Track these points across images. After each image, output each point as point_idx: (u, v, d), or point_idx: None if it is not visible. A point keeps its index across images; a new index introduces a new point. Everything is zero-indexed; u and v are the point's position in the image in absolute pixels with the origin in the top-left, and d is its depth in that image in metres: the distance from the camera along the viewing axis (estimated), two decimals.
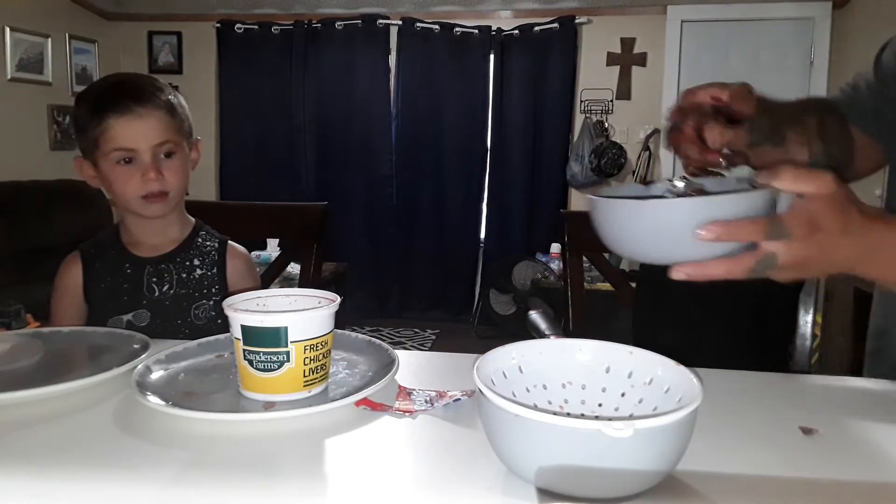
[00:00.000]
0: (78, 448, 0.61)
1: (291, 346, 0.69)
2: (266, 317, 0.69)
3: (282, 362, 0.69)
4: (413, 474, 0.58)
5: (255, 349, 0.69)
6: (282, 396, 0.70)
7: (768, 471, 0.58)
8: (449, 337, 4.13)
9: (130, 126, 1.04)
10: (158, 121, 1.06)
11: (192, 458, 0.59)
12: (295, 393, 0.71)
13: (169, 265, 1.15)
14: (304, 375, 0.71)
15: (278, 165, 4.45)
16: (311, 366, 0.71)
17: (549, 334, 0.81)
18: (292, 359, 0.70)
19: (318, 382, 0.73)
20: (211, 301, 1.16)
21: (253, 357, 0.70)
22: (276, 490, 0.54)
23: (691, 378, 0.56)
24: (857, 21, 3.73)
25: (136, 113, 1.04)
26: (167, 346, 0.83)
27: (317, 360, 0.72)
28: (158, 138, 1.06)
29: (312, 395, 0.72)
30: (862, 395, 0.77)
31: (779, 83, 4.03)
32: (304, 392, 0.71)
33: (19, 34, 3.75)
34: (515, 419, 0.50)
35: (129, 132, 1.04)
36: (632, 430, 0.46)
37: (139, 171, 1.06)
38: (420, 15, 4.25)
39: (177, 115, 1.10)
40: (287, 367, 0.70)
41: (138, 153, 1.05)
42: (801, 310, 1.18)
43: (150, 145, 1.06)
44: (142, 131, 1.05)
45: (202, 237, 1.21)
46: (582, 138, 4.11)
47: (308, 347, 0.70)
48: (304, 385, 0.71)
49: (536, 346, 0.66)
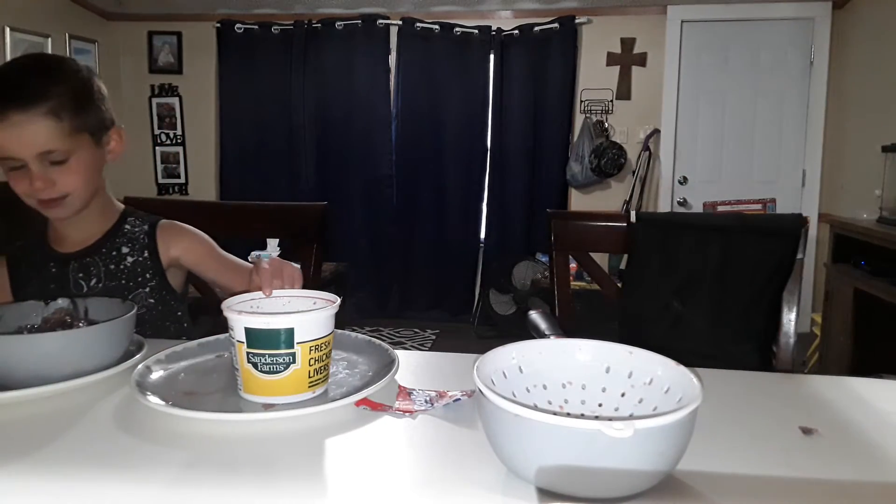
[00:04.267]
0: (78, 448, 0.61)
1: (298, 347, 0.69)
2: (273, 319, 0.69)
3: (288, 364, 0.69)
4: (413, 474, 0.58)
5: (260, 352, 0.69)
6: (286, 398, 0.70)
7: (768, 471, 0.58)
8: (449, 337, 4.13)
9: (8, 135, 0.94)
10: (41, 129, 0.94)
11: (192, 458, 0.59)
12: (300, 395, 0.70)
13: (95, 258, 1.09)
14: (310, 376, 0.71)
15: (278, 165, 4.44)
16: (316, 366, 0.71)
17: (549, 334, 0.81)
18: (298, 360, 0.69)
19: (321, 383, 0.73)
20: (147, 288, 1.10)
21: (258, 360, 0.69)
22: (276, 490, 0.54)
23: (691, 378, 0.56)
24: (858, 21, 3.73)
25: (13, 122, 0.93)
26: (167, 346, 0.83)
27: (321, 360, 0.72)
28: (41, 148, 0.95)
29: (315, 396, 0.72)
30: (862, 396, 0.77)
31: (779, 83, 4.03)
32: (308, 393, 0.71)
33: (19, 34, 3.75)
34: (515, 419, 0.49)
35: (8, 141, 0.94)
36: (632, 430, 0.46)
37: (27, 177, 0.97)
38: (420, 15, 4.25)
39: (68, 118, 0.97)
40: (293, 369, 0.69)
41: (25, 161, 0.96)
42: (784, 308, 1.19)
43: (34, 154, 0.95)
44: (22, 141, 0.94)
45: (130, 223, 1.13)
46: (582, 138, 4.11)
47: (313, 348, 0.70)
48: (308, 386, 0.71)
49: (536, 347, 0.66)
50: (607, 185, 4.21)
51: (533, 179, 4.30)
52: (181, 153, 4.54)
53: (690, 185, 4.18)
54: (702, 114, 4.13)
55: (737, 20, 4.00)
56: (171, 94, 4.51)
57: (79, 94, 1.00)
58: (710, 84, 4.10)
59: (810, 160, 4.03)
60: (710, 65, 4.09)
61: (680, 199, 4.20)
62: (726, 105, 4.11)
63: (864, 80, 3.61)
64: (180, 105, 4.52)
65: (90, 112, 1.02)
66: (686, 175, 4.19)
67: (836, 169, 3.91)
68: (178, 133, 4.54)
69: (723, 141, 4.14)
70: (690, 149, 4.16)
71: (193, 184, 4.57)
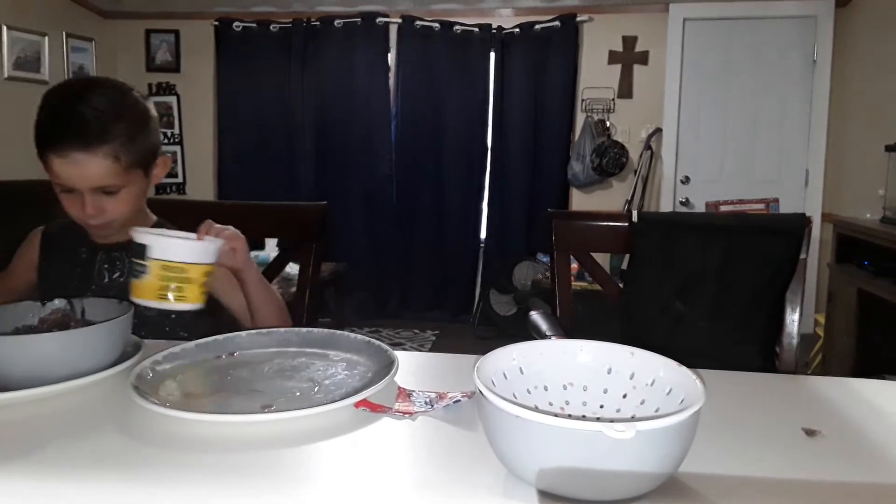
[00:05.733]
0: (75, 449, 0.61)
1: (149, 262, 0.86)
2: (139, 234, 0.88)
3: (140, 273, 0.87)
4: (412, 476, 0.57)
5: (131, 259, 0.88)
6: (139, 300, 0.87)
7: (771, 473, 0.57)
8: (449, 337, 4.13)
9: (69, 170, 1.00)
10: (100, 168, 1.00)
11: (190, 460, 0.59)
12: (150, 301, 0.87)
13: (122, 253, 1.14)
14: (159, 290, 0.86)
15: (277, 165, 4.44)
16: (166, 283, 0.86)
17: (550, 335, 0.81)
18: (149, 272, 0.86)
19: (166, 300, 0.86)
20: None
21: (130, 265, 0.89)
22: (276, 491, 0.53)
23: (694, 379, 0.56)
24: (860, 19, 3.72)
25: (75, 159, 0.99)
26: (164, 347, 0.83)
27: (171, 280, 0.86)
28: (97, 183, 1.02)
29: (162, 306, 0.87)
30: (865, 397, 0.77)
31: (781, 82, 4.02)
32: (155, 301, 0.86)
33: (16, 32, 3.75)
34: (516, 420, 0.49)
35: (69, 175, 1.00)
36: (634, 431, 0.46)
37: (79, 202, 1.03)
38: (420, 13, 4.24)
39: (124, 157, 1.03)
40: (145, 279, 0.86)
41: (78, 189, 1.02)
42: (787, 308, 1.18)
43: (89, 187, 1.02)
44: (80, 177, 1.00)
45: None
46: (583, 137, 4.10)
47: (164, 268, 0.86)
48: (158, 296, 0.86)
49: (537, 347, 0.66)
50: (609, 185, 4.20)
51: (534, 179, 4.29)
52: (179, 152, 4.53)
53: (692, 184, 4.18)
54: (704, 113, 4.12)
55: (739, 18, 4.00)
56: (169, 92, 4.51)
57: (135, 131, 1.06)
58: (712, 83, 4.09)
59: (813, 159, 4.02)
60: (712, 63, 4.08)
61: (682, 199, 4.19)
62: (728, 104, 4.10)
63: (868, 79, 3.60)
64: (178, 104, 4.51)
65: (145, 147, 1.08)
66: (688, 174, 4.18)
67: (839, 168, 3.90)
68: (176, 132, 4.53)
69: (725, 140, 4.13)
70: (692, 148, 4.16)
71: (191, 183, 4.57)
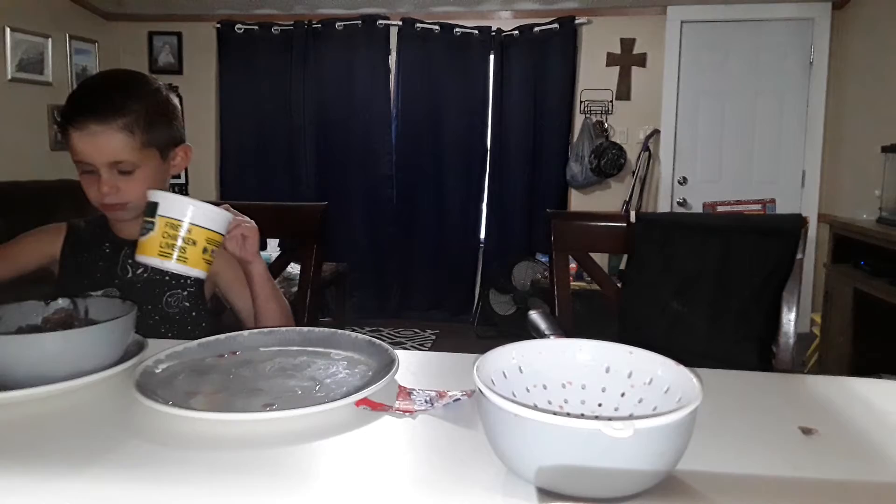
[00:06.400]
0: (78, 448, 0.61)
1: (158, 218, 0.89)
2: (153, 192, 0.91)
3: (148, 230, 0.90)
4: (413, 474, 0.58)
5: (144, 219, 0.91)
6: (143, 258, 0.90)
7: (768, 471, 0.58)
8: (449, 337, 4.13)
9: (86, 143, 1.04)
10: (115, 141, 1.04)
11: (194, 457, 0.59)
12: (151, 258, 0.89)
13: None
14: (160, 247, 0.89)
15: (278, 165, 4.44)
16: (169, 241, 0.89)
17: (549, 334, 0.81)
18: (157, 228, 0.89)
19: (168, 258, 0.89)
20: (185, 291, 1.17)
21: (143, 226, 0.91)
22: (277, 490, 0.54)
23: (691, 378, 0.56)
24: (856, 22, 3.73)
25: (91, 131, 1.03)
26: (167, 346, 0.83)
27: (174, 238, 0.89)
28: (112, 157, 1.05)
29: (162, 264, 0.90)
30: (861, 396, 0.77)
31: (778, 84, 4.03)
32: (156, 259, 0.89)
33: (20, 34, 3.75)
34: (515, 419, 0.50)
35: (85, 148, 1.04)
36: (632, 430, 0.46)
37: (97, 182, 1.07)
38: (420, 15, 4.25)
39: (141, 133, 1.06)
40: (150, 235, 0.89)
41: (96, 167, 1.06)
42: (784, 308, 1.19)
43: (105, 162, 1.05)
44: (96, 149, 1.04)
45: None
46: (582, 139, 4.11)
47: (169, 225, 0.89)
48: (158, 253, 0.89)
49: (536, 347, 0.66)
50: (607, 186, 4.21)
51: (533, 179, 4.30)
52: None
53: (690, 185, 4.19)
54: (701, 114, 4.13)
55: (736, 21, 4.00)
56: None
57: (153, 112, 1.09)
58: (709, 84, 4.10)
59: (810, 160, 4.03)
60: (709, 65, 4.09)
61: (680, 200, 4.20)
62: (726, 105, 4.11)
63: (864, 81, 3.61)
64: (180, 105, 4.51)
65: (161, 129, 1.11)
66: (686, 175, 4.19)
67: (835, 169, 3.91)
68: None
69: (722, 141, 4.14)
70: (690, 149, 4.16)
71: (194, 184, 4.57)
